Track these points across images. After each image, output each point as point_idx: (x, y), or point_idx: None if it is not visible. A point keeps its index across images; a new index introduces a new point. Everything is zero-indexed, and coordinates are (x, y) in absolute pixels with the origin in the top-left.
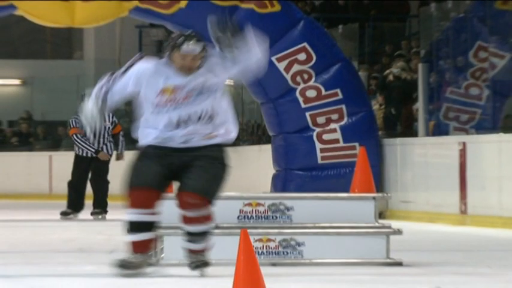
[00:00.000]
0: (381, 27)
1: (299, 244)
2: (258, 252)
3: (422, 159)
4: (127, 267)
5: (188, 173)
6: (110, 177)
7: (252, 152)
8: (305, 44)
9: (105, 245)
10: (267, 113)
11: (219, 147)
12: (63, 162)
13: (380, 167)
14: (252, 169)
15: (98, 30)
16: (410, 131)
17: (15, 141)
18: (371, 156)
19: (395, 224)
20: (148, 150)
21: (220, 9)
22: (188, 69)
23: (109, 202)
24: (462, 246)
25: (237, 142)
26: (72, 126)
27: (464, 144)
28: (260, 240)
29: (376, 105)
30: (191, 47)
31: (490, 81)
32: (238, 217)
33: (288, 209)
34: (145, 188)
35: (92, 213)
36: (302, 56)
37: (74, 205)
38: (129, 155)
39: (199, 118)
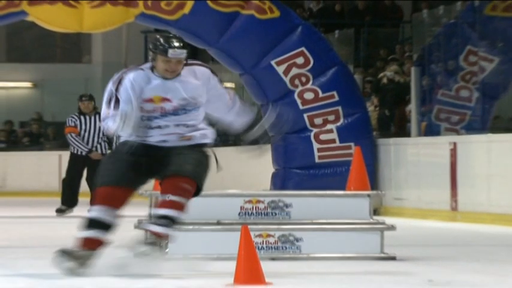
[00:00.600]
0: (376, 33)
1: (297, 239)
2: (258, 247)
3: (414, 159)
4: (68, 257)
5: (172, 162)
6: None
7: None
8: (303, 49)
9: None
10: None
11: (196, 146)
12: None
13: (374, 165)
14: (252, 168)
15: (105, 35)
16: (403, 132)
17: (26, 141)
18: (366, 155)
19: (389, 220)
20: (123, 148)
21: (222, 15)
22: (171, 72)
23: None
24: (453, 241)
25: (238, 142)
26: (68, 125)
27: (454, 144)
28: (260, 235)
29: (371, 106)
30: (177, 51)
31: (479, 84)
32: (239, 214)
33: (286, 206)
34: (115, 187)
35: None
36: (300, 60)
37: (68, 202)
38: None
39: (178, 125)
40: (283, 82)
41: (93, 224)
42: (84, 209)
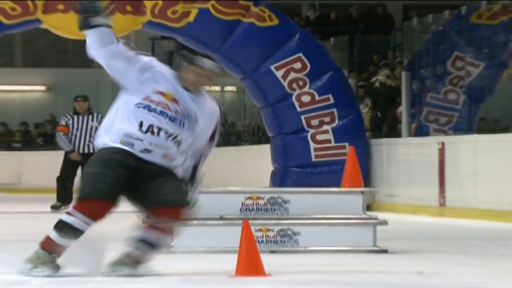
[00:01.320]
0: (368, 39)
1: (295, 233)
2: (258, 240)
3: (405, 158)
4: (41, 264)
5: (157, 186)
6: None
7: (253, 151)
8: (300, 54)
9: (122, 235)
10: (266, 116)
11: (173, 173)
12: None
13: (367, 164)
14: (253, 166)
15: None
16: (394, 132)
17: (40, 141)
18: (359, 154)
19: (381, 215)
20: (110, 156)
21: (224, 23)
22: (197, 85)
23: None
24: (441, 235)
25: (240, 142)
26: (60, 123)
27: (443, 144)
28: (260, 230)
29: (364, 109)
30: (213, 64)
31: (466, 87)
32: (240, 209)
33: (285, 202)
34: (101, 201)
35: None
36: (298, 65)
37: (63, 199)
38: None
39: (170, 136)
40: (282, 86)
41: (72, 232)
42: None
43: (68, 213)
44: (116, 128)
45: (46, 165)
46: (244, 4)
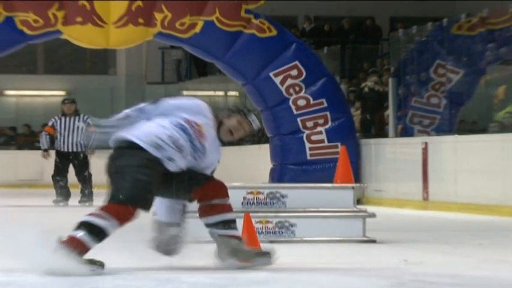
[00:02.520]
0: (358, 49)
1: (292, 225)
2: (259, 231)
3: (392, 156)
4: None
5: (192, 171)
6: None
7: (253, 150)
8: (297, 62)
9: (135, 225)
10: (266, 118)
11: None
12: (99, 159)
13: (358, 162)
14: (254, 164)
15: (128, 51)
16: (382, 133)
17: None
18: (350, 153)
19: (370, 208)
20: (159, 166)
21: (227, 34)
22: (231, 135)
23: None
24: (425, 227)
25: (241, 142)
26: (48, 124)
27: (426, 143)
28: (260, 222)
29: (355, 112)
30: (258, 125)
31: (447, 92)
32: (242, 203)
33: (282, 196)
34: (141, 211)
35: (79, 201)
36: (294, 72)
37: (62, 194)
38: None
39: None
40: (280, 91)
41: (101, 237)
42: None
43: (99, 215)
44: (149, 132)
45: None
46: (245, 17)
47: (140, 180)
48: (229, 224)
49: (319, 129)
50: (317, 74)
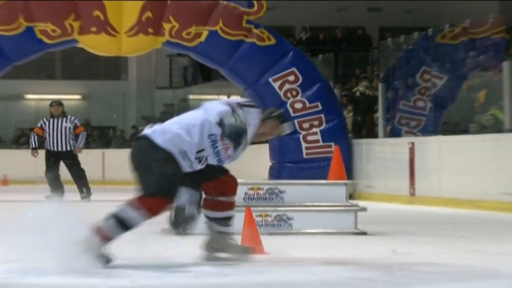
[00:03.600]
0: (350, 56)
1: (289, 218)
2: (259, 224)
3: (381, 155)
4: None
5: (207, 169)
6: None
7: (254, 149)
8: (294, 69)
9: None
10: None
11: None
12: (112, 157)
13: (350, 160)
14: (254, 162)
15: (138, 58)
16: (372, 134)
17: None
18: (343, 152)
19: (361, 203)
20: (183, 162)
21: (230, 42)
22: (261, 137)
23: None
24: (411, 220)
25: None
26: (37, 126)
27: (413, 143)
28: (260, 215)
29: (348, 114)
30: (289, 128)
31: (432, 96)
32: (243, 198)
33: (281, 192)
34: (170, 201)
35: (81, 198)
36: (291, 78)
37: (56, 189)
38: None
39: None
40: (278, 95)
41: (128, 227)
42: (73, 195)
43: (129, 207)
44: (178, 137)
45: (81, 161)
46: (246, 27)
47: (167, 174)
48: (228, 221)
49: (314, 130)
50: (312, 79)
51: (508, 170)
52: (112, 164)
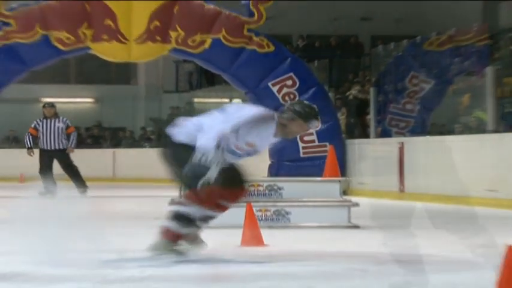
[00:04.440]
0: (344, 62)
1: (287, 213)
2: (259, 218)
3: (373, 154)
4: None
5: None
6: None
7: None
8: (291, 74)
9: (155, 213)
10: None
11: None
12: (122, 156)
13: (343, 159)
14: (254, 160)
15: (147, 64)
16: (364, 135)
17: (89, 141)
18: (337, 152)
19: (354, 199)
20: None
21: (232, 49)
22: (287, 135)
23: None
24: (401, 214)
25: None
26: (31, 126)
27: (402, 143)
28: (260, 210)
29: (341, 116)
30: (317, 125)
31: (420, 99)
32: None
33: (279, 188)
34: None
35: (80, 193)
36: (289, 82)
37: (49, 186)
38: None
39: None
40: (277, 98)
41: (190, 223)
42: (68, 191)
43: (185, 203)
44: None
45: (93, 160)
46: (247, 35)
47: (228, 169)
48: (210, 220)
49: (310, 130)
50: (309, 83)
51: (491, 168)
52: (122, 163)
